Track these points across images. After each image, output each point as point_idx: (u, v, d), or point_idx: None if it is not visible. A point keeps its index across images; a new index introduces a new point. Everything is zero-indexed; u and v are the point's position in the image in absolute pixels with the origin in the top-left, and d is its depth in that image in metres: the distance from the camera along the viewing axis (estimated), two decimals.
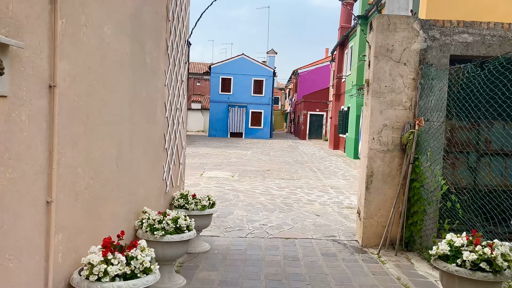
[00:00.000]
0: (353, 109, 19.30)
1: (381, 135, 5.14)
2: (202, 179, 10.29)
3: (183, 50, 5.20)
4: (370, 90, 5.15)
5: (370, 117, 5.13)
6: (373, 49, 5.14)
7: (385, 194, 5.18)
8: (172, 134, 4.84)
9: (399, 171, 5.16)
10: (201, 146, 21.29)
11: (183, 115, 5.36)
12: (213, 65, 33.48)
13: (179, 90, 5.09)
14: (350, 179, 11.75)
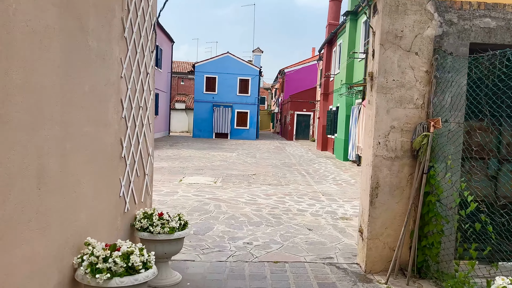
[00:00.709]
0: (342, 109, 18.53)
1: (388, 139, 4.27)
2: (180, 186, 9.32)
3: (149, 35, 4.25)
4: (375, 85, 4.28)
5: (375, 118, 4.26)
6: (378, 36, 4.27)
7: (393, 209, 4.32)
8: (132, 138, 3.89)
9: (410, 182, 4.30)
10: (184, 148, 20.28)
11: (149, 115, 4.41)
12: (197, 63, 32.43)
13: (142, 84, 4.14)
14: (342, 184, 10.92)
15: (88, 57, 2.89)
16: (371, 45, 4.46)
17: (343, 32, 19.74)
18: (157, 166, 12.66)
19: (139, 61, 4.00)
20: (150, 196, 4.65)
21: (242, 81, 32.63)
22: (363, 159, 4.62)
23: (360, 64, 16.70)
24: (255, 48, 39.00)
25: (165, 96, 31.55)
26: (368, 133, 4.48)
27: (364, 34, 16.59)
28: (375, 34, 4.36)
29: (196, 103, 32.36)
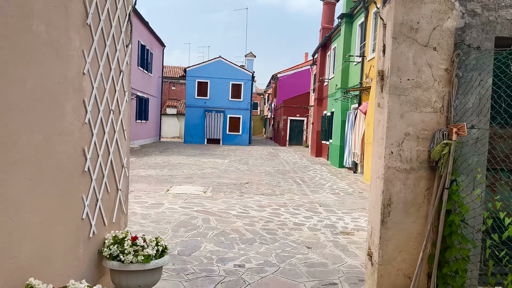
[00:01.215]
0: (337, 114, 17.99)
1: (402, 148, 3.67)
2: (167, 196, 8.64)
3: (122, 25, 3.62)
4: (387, 85, 3.68)
5: (387, 123, 3.65)
6: (390, 29, 3.67)
7: (408, 230, 3.71)
8: (100, 148, 3.25)
9: (427, 198, 3.70)
10: (174, 154, 19.57)
11: (124, 120, 3.76)
12: (189, 68, 31.79)
13: (114, 84, 3.50)
14: (340, 193, 10.31)
15: (31, 45, 2.24)
16: (382, 39, 3.87)
17: (338, 36, 19.25)
18: (144, 174, 11.97)
19: (110, 56, 3.36)
20: (125, 215, 3.99)
21: (235, 86, 32.06)
22: (372, 172, 4.01)
23: (356, 68, 16.19)
24: (248, 53, 38.47)
25: (155, 101, 30.84)
26: (378, 141, 3.87)
27: (360, 37, 16.09)
28: (386, 27, 3.77)
29: (187, 108, 31.70)
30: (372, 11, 14.43)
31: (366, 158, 13.02)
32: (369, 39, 14.46)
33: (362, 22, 15.72)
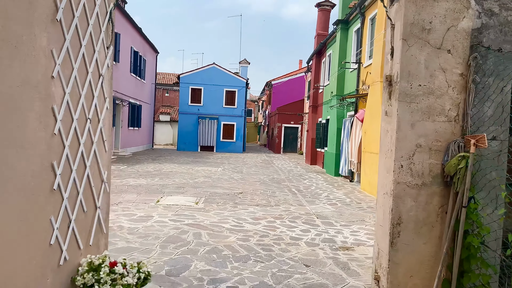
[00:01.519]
0: (333, 122, 17.68)
1: (413, 161, 3.31)
2: (157, 208, 8.22)
3: (102, 24, 3.24)
4: (396, 92, 3.33)
5: (397, 134, 3.30)
6: (399, 29, 3.33)
7: (420, 252, 3.34)
8: (74, 162, 2.85)
9: (441, 216, 3.34)
10: (166, 162, 19.12)
11: (104, 129, 3.37)
12: (182, 74, 31.42)
13: (92, 89, 3.11)
14: (337, 203, 9.94)
15: None
16: (389, 41, 3.52)
17: (333, 42, 19.01)
18: (134, 183, 11.53)
19: (86, 58, 2.98)
20: (105, 235, 3.58)
21: (229, 93, 31.72)
22: (379, 187, 3.64)
23: (352, 75, 15.92)
24: (242, 60, 38.22)
25: (148, 108, 30.40)
26: (385, 154, 3.50)
27: (356, 44, 15.84)
28: (395, 28, 3.43)
29: (180, 115, 31.27)
30: (368, 17, 14.19)
31: (363, 166, 12.68)
32: (366, 45, 14.20)
33: (358, 28, 15.48)
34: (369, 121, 12.22)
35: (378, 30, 11.89)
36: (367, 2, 14.09)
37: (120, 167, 15.93)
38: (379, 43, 11.61)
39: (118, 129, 22.72)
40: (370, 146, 11.94)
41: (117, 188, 10.54)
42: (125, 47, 23.03)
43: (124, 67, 22.95)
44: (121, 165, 16.97)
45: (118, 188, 10.62)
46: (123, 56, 22.59)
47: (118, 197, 9.26)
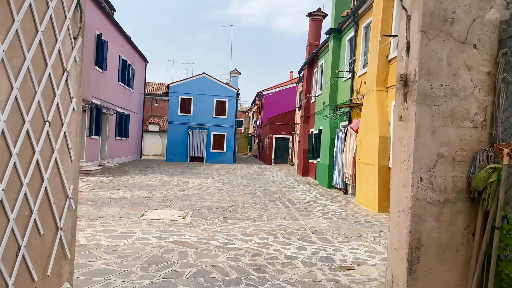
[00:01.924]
0: (326, 132, 17.26)
1: (434, 174, 2.83)
2: (140, 223, 7.62)
3: (68, 9, 2.72)
4: (413, 93, 2.85)
5: (415, 141, 2.81)
6: (417, 20, 2.87)
7: (443, 281, 2.83)
8: (26, 173, 2.30)
9: (467, 238, 2.85)
10: (154, 173, 18.48)
11: (69, 135, 2.83)
12: (172, 84, 30.88)
13: (53, 86, 2.58)
14: (333, 217, 9.43)
15: None
16: (404, 35, 3.06)
17: (326, 52, 18.70)
18: (118, 196, 10.90)
19: (45, 47, 2.45)
20: (69, 261, 3.01)
21: (219, 103, 31.25)
22: (393, 203, 3.14)
23: (345, 84, 15.56)
24: (233, 70, 37.89)
25: (137, 117, 29.75)
26: (401, 165, 3.01)
27: (350, 53, 15.52)
28: (411, 19, 2.97)
29: (170, 125, 30.66)
30: (362, 25, 13.88)
31: (358, 178, 12.22)
32: (360, 54, 13.86)
33: (351, 37, 15.16)
34: (364, 131, 11.80)
35: (373, 38, 11.55)
36: (360, 10, 13.79)
37: (105, 178, 15.26)
38: (374, 51, 11.26)
39: (105, 139, 22.04)
40: (366, 157, 11.50)
41: (99, 201, 9.90)
42: (113, 55, 22.48)
43: (111, 75, 22.37)
44: (106, 176, 16.30)
45: (100, 201, 9.99)
46: (111, 64, 22.03)
47: (99, 210, 8.64)
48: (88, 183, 13.51)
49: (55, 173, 2.68)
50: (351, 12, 14.41)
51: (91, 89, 18.96)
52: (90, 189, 12.14)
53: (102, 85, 20.67)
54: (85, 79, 18.06)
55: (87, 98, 18.42)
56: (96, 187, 12.56)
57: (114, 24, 22.21)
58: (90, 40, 18.51)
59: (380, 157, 10.54)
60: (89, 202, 9.73)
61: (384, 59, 10.97)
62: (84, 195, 10.73)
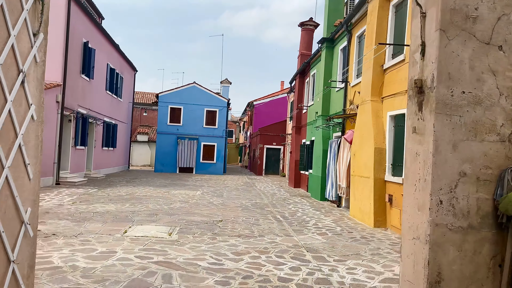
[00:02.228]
0: (318, 143, 16.90)
1: (455, 195, 2.43)
2: (123, 241, 7.10)
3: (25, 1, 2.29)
4: (431, 101, 2.46)
5: (434, 157, 2.42)
6: (436, 17, 2.50)
7: None
8: None
9: (493, 271, 2.44)
10: (141, 185, 17.91)
11: (26, 149, 2.37)
12: (161, 93, 30.40)
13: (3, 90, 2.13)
14: (327, 233, 9.00)
15: None
16: (418, 35, 2.68)
17: (318, 61, 18.44)
18: (101, 210, 10.35)
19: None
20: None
21: (209, 113, 30.82)
22: (405, 229, 2.73)
23: (338, 95, 15.26)
24: (223, 79, 37.57)
25: (125, 127, 29.16)
26: (416, 184, 2.61)
27: (343, 62, 15.25)
28: (427, 16, 2.59)
29: (159, 135, 30.11)
30: (355, 34, 13.63)
31: (352, 191, 11.83)
32: (353, 64, 13.58)
33: (344, 46, 14.91)
34: (358, 142, 11.45)
35: (368, 47, 11.27)
36: (354, 19, 13.55)
37: (89, 191, 14.67)
38: (369, 60, 10.97)
39: (91, 149, 21.43)
40: (360, 169, 11.13)
41: (81, 216, 9.35)
42: (101, 64, 21.98)
43: (99, 84, 21.85)
44: (91, 188, 15.70)
45: (82, 215, 9.44)
46: (98, 72, 21.52)
47: (79, 226, 8.10)
48: (71, 196, 12.92)
49: (6, 194, 2.22)
50: (344, 21, 14.16)
51: (77, 98, 18.42)
52: (72, 202, 11.57)
53: (88, 94, 20.13)
54: (71, 88, 17.53)
55: (73, 107, 17.88)
56: (79, 200, 11.99)
57: (102, 32, 21.75)
58: (77, 47, 18.03)
59: (376, 169, 10.18)
60: (69, 216, 9.18)
61: (379, 68, 10.68)
62: (65, 209, 10.17)
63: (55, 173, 16.20)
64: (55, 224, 8.21)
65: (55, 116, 16.10)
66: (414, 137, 2.66)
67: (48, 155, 15.63)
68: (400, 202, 9.33)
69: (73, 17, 17.16)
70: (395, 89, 9.89)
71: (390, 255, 7.22)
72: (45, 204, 10.81)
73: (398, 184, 9.48)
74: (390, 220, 9.80)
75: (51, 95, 15.73)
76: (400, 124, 9.69)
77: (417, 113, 2.63)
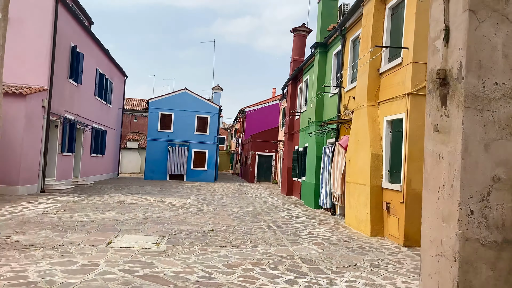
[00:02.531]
0: (311, 149, 16.56)
1: (488, 204, 2.06)
2: (107, 252, 6.63)
3: None
4: (458, 94, 2.11)
5: (463, 159, 2.06)
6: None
7: None
8: None
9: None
10: (130, 193, 17.38)
11: None
12: (152, 99, 29.93)
13: None
14: (323, 242, 8.61)
15: None
16: (439, 20, 2.33)
17: (311, 67, 18.18)
18: (86, 219, 9.85)
19: None
20: None
21: (201, 119, 30.40)
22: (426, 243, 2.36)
23: (332, 100, 14.97)
24: (215, 86, 37.22)
25: (114, 133, 28.58)
26: (439, 191, 2.24)
27: (337, 67, 14.98)
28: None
29: (149, 141, 29.58)
30: (350, 39, 13.38)
31: (347, 198, 11.48)
32: (347, 68, 13.31)
33: (338, 51, 14.65)
34: (354, 148, 11.12)
35: (363, 51, 10.99)
36: (348, 24, 13.30)
37: (75, 199, 14.13)
38: (365, 64, 10.68)
39: (79, 155, 20.85)
40: (356, 176, 10.79)
41: (64, 225, 8.85)
42: (90, 68, 21.49)
43: (87, 89, 21.34)
44: (78, 196, 15.15)
45: (65, 224, 8.94)
46: (87, 77, 21.02)
47: (60, 237, 7.61)
48: (55, 204, 12.38)
49: None
50: (338, 25, 13.91)
51: (64, 103, 17.90)
52: (56, 210, 11.04)
53: (76, 99, 19.61)
54: (58, 93, 17.02)
55: (60, 112, 17.35)
56: (64, 209, 11.46)
57: (91, 36, 21.29)
58: (64, 51, 17.55)
59: (373, 176, 9.84)
60: (51, 226, 8.67)
61: (375, 72, 10.39)
62: (47, 218, 9.65)
63: (40, 181, 15.62)
64: (34, 235, 7.72)
65: (40, 121, 15.56)
66: (436, 136, 2.30)
67: (33, 162, 15.07)
68: (398, 210, 8.99)
69: (61, 20, 16.70)
70: (392, 93, 9.59)
71: (390, 266, 6.85)
72: (26, 213, 10.28)
73: (395, 191, 9.15)
74: (388, 228, 9.45)
75: (37, 100, 15.21)
76: (398, 129, 9.38)
77: (439, 108, 2.27)
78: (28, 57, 15.63)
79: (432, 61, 2.39)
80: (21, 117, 14.37)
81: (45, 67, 15.82)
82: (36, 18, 15.80)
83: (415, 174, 8.65)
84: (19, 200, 12.67)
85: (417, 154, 8.69)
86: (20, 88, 14.75)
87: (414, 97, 8.70)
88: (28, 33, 15.69)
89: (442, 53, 2.30)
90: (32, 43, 15.69)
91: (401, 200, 8.82)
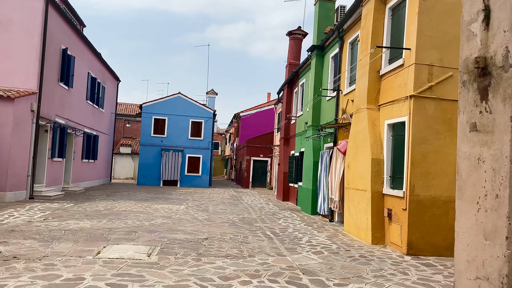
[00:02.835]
0: (308, 154, 16.21)
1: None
2: (94, 265, 6.20)
3: None
4: (504, 85, 1.75)
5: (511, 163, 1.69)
6: None
7: None
8: None
9: None
10: (122, 199, 16.90)
11: None
12: (145, 104, 29.49)
13: None
14: (323, 251, 8.22)
15: None
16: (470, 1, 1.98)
17: (308, 70, 17.88)
18: (74, 227, 9.40)
19: None
20: None
21: (195, 124, 30.00)
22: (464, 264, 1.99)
23: (329, 104, 14.65)
24: (209, 90, 36.85)
25: (107, 138, 28.08)
26: (478, 202, 1.88)
27: (334, 70, 14.67)
28: None
29: (142, 146, 29.10)
30: (348, 41, 13.08)
31: (346, 205, 11.12)
32: (345, 71, 13.00)
33: (336, 53, 14.35)
34: (353, 153, 10.77)
35: (362, 52, 10.68)
36: (346, 25, 13.01)
37: (64, 205, 13.64)
38: (364, 66, 10.37)
39: (70, 161, 20.35)
40: (356, 182, 10.43)
41: (50, 234, 8.40)
42: (81, 72, 21.04)
43: (79, 93, 20.87)
44: (68, 202, 14.66)
45: (52, 233, 8.49)
46: (78, 81, 20.57)
47: (45, 247, 7.17)
48: (43, 211, 11.90)
49: None
50: (335, 27, 13.62)
51: (54, 107, 17.43)
52: (43, 218, 10.57)
53: (67, 103, 19.14)
54: (48, 96, 16.55)
55: (50, 116, 16.88)
56: (52, 216, 10.99)
57: (83, 39, 20.86)
58: (55, 54, 17.11)
59: (373, 182, 9.49)
60: (37, 235, 8.22)
61: (375, 74, 10.08)
62: (33, 227, 9.19)
63: (28, 187, 15.12)
64: (18, 245, 7.27)
65: (29, 126, 15.08)
66: (473, 137, 1.95)
67: (21, 167, 14.58)
68: (400, 217, 8.64)
69: (51, 22, 16.27)
70: (393, 96, 9.28)
71: (395, 277, 6.49)
72: (12, 221, 9.81)
73: (398, 197, 8.80)
74: (389, 236, 9.09)
75: (25, 104, 14.75)
76: (400, 133, 9.05)
77: (478, 103, 1.92)
78: (16, 59, 15.18)
79: (467, 49, 2.04)
80: (9, 121, 13.89)
81: (34, 69, 15.37)
82: (25, 19, 15.36)
83: (418, 179, 8.32)
84: (6, 208, 12.18)
85: (420, 158, 8.36)
86: (8, 91, 14.28)
87: (417, 99, 8.39)
88: (16, 34, 15.25)
89: (481, 38, 1.95)
90: (21, 44, 15.25)
91: (404, 207, 8.47)
